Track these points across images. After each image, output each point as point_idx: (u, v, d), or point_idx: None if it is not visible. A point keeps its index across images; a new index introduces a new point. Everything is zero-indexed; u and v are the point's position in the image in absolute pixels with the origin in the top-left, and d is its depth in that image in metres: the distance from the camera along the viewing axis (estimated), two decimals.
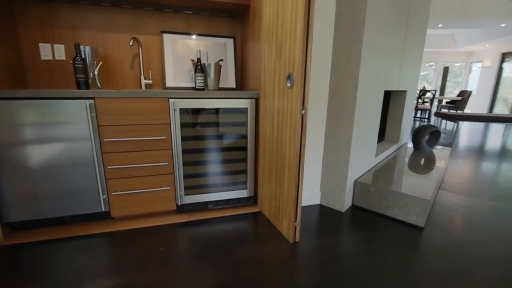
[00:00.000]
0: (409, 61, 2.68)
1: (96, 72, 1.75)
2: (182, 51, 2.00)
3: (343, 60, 1.68)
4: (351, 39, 1.62)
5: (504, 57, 7.82)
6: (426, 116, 7.53)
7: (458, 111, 7.72)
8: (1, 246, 1.41)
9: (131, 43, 1.79)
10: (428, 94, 7.64)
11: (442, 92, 9.05)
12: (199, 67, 1.74)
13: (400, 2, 2.08)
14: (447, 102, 7.84)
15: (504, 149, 4.14)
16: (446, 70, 9.07)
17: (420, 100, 7.21)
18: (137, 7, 1.86)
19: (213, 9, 1.99)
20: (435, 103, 8.82)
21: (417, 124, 6.88)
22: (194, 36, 2.02)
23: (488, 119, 4.73)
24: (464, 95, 7.49)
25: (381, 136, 3.11)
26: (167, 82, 1.98)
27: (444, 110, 8.30)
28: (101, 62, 1.80)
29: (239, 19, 2.12)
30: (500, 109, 8.05)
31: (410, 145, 3.20)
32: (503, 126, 5.37)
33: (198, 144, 1.68)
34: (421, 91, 7.16)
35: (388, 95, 2.96)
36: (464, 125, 6.53)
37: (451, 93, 10.28)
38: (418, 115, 7.71)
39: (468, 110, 9.07)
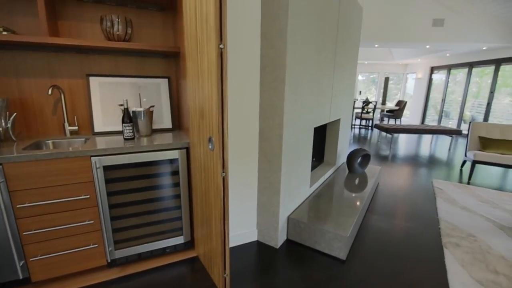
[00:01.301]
0: (341, 92, 2.92)
1: (9, 125, 1.61)
2: (112, 94, 1.94)
3: (269, 111, 1.79)
4: (275, 93, 1.73)
5: (432, 70, 8.88)
6: (370, 124, 8.21)
7: (397, 120, 8.57)
8: None
9: (49, 92, 1.69)
10: (371, 105, 8.34)
11: (384, 101, 9.95)
12: (127, 116, 1.71)
13: (326, 41, 2.27)
14: (387, 111, 8.64)
15: (429, 160, 4.72)
16: (386, 80, 9.99)
17: (364, 110, 7.84)
18: (58, 50, 1.76)
19: (143, 52, 1.97)
20: (379, 111, 9.64)
21: (362, 131, 7.48)
22: (124, 78, 1.97)
23: (418, 131, 5.34)
24: (401, 105, 8.34)
25: (322, 159, 3.35)
26: (95, 127, 1.91)
27: (385, 118, 9.13)
28: (15, 114, 1.66)
29: (173, 59, 2.12)
30: (431, 114, 9.10)
31: None
32: (431, 136, 6.13)
33: (127, 198, 1.65)
34: (364, 102, 7.80)
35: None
36: (401, 136, 7.27)
37: (393, 99, 11.35)
38: (363, 123, 8.37)
39: (406, 117, 10.09)
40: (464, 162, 4.25)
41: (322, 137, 3.26)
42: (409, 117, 9.97)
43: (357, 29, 3.16)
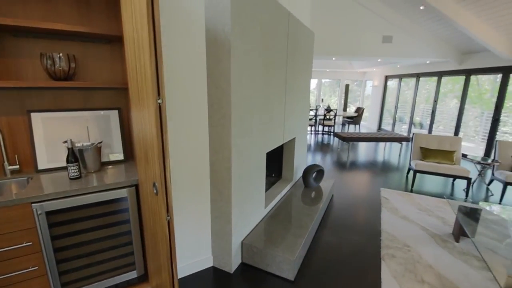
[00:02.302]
0: (295, 113, 3.10)
1: None
2: (57, 129, 1.89)
3: (218, 146, 1.87)
4: (222, 129, 1.82)
5: (387, 78, 9.59)
6: (332, 131, 8.66)
7: (356, 126, 9.12)
8: None
9: None
10: (332, 112, 8.78)
11: (345, 107, 10.53)
12: (72, 155, 1.69)
13: (275, 72, 2.41)
14: (347, 117, 9.17)
15: (381, 167, 5.13)
16: (347, 87, 10.59)
17: (326, 117, 8.24)
18: None
19: (88, 88, 1.95)
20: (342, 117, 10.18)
21: (326, 137, 7.87)
22: (70, 112, 1.93)
23: (371, 139, 5.77)
24: (359, 111, 8.89)
25: (281, 174, 3.51)
26: (39, 164, 1.85)
27: (346, 124, 9.66)
28: None
29: (122, 90, 2.12)
30: (387, 118, 9.83)
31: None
32: (385, 144, 6.65)
33: (73, 240, 1.63)
34: (326, 109, 8.21)
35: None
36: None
37: (357, 101, 12.04)
38: (326, 129, 8.81)
39: (366, 121, 10.78)
40: (409, 170, 4.69)
41: (280, 153, 3.42)
42: (369, 121, 10.67)
43: (309, 53, 3.36)
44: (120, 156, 2.13)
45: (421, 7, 4.93)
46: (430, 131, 7.44)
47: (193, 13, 1.68)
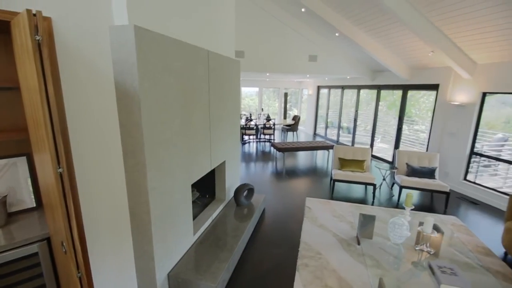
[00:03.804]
0: (223, 139, 3.31)
1: None
2: None
3: (135, 191, 1.96)
4: (139, 174, 1.92)
5: (319, 88, 10.56)
6: (272, 138, 9.20)
7: (294, 133, 9.82)
8: None
9: None
10: (271, 121, 9.31)
11: (285, 114, 11.25)
12: None
13: (196, 108, 2.57)
14: (286, 125, 9.82)
15: (311, 176, 5.70)
16: (286, 95, 11.32)
17: (266, 126, 8.73)
18: None
19: None
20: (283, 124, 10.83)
21: (267, 146, 8.32)
22: None
23: (301, 148, 6.36)
24: (296, 119, 9.61)
25: (214, 195, 3.69)
26: None
27: (285, 131, 10.31)
28: None
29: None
30: (321, 123, 10.83)
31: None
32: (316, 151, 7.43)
33: None
34: (266, 118, 8.69)
35: None
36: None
37: (297, 106, 12.94)
38: (267, 137, 9.31)
39: (303, 125, 11.67)
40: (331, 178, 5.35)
41: (214, 175, 3.60)
42: (306, 127, 11.59)
43: (235, 79, 3.61)
44: (31, 203, 2.04)
45: (336, 34, 5.64)
46: (353, 135, 8.49)
47: (100, 70, 1.74)
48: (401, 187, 4.42)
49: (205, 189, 3.58)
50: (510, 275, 2.79)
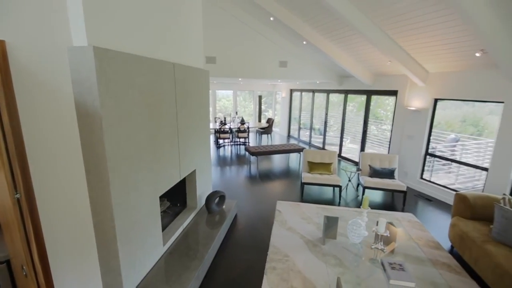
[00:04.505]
0: (192, 149, 3.36)
1: None
2: None
3: (99, 208, 1.98)
4: (103, 192, 1.94)
5: (292, 91, 10.86)
6: (247, 141, 9.33)
7: (269, 135, 10.01)
8: None
9: None
10: (246, 124, 9.42)
11: (259, 117, 11.43)
12: None
13: (163, 124, 2.61)
14: (260, 128, 9.99)
15: (283, 179, 5.89)
16: (260, 98, 11.49)
17: (241, 129, 8.83)
18: None
19: None
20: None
21: (242, 149, 8.42)
22: None
23: (273, 152, 6.54)
24: (270, 122, 9.81)
25: (185, 203, 3.73)
26: None
27: (259, 134, 10.48)
28: None
29: None
30: (294, 125, 11.15)
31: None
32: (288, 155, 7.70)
33: None
34: (240, 122, 8.79)
35: None
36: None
37: (272, 108, 13.17)
38: (242, 140, 9.42)
39: (278, 127, 11.93)
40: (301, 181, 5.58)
41: (184, 184, 3.64)
42: (280, 128, 11.86)
43: (204, 89, 3.68)
44: None
45: (304, 42, 5.88)
46: (324, 137, 8.86)
47: (59, 91, 1.74)
48: (364, 188, 4.74)
49: (177, 197, 3.61)
50: (454, 266, 3.13)
